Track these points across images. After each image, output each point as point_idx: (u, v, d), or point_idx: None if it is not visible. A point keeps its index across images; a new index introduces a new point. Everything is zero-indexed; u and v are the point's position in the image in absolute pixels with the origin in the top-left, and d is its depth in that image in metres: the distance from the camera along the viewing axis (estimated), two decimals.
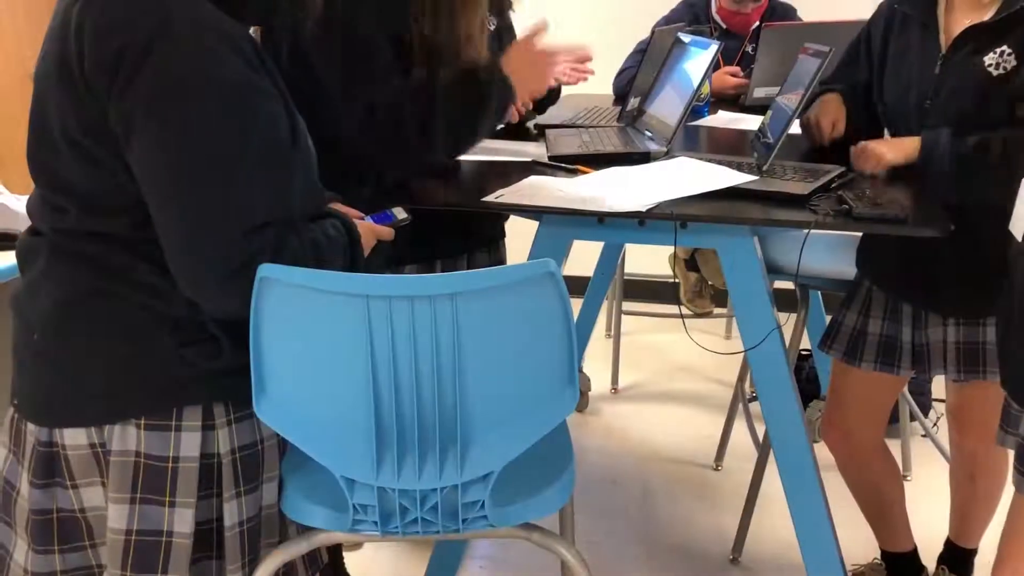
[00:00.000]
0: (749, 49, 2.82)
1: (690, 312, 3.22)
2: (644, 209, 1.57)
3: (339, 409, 1.22)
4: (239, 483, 1.27)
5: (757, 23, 2.81)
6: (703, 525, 2.39)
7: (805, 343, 2.86)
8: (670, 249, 3.45)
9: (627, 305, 3.26)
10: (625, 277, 3.18)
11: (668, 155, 1.92)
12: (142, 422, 1.23)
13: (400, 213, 1.45)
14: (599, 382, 3.14)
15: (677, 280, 3.31)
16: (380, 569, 2.22)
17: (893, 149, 1.75)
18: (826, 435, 1.96)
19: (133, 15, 1.15)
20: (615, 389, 3.16)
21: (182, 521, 1.25)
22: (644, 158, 1.91)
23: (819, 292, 2.59)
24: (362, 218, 1.41)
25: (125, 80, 1.14)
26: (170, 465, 1.24)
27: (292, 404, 1.22)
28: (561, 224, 1.70)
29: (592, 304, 2.96)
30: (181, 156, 1.15)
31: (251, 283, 1.15)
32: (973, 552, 2.01)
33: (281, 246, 1.18)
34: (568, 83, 2.23)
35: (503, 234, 2.30)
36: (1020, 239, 1.35)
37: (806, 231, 1.51)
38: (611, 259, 2.93)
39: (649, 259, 3.38)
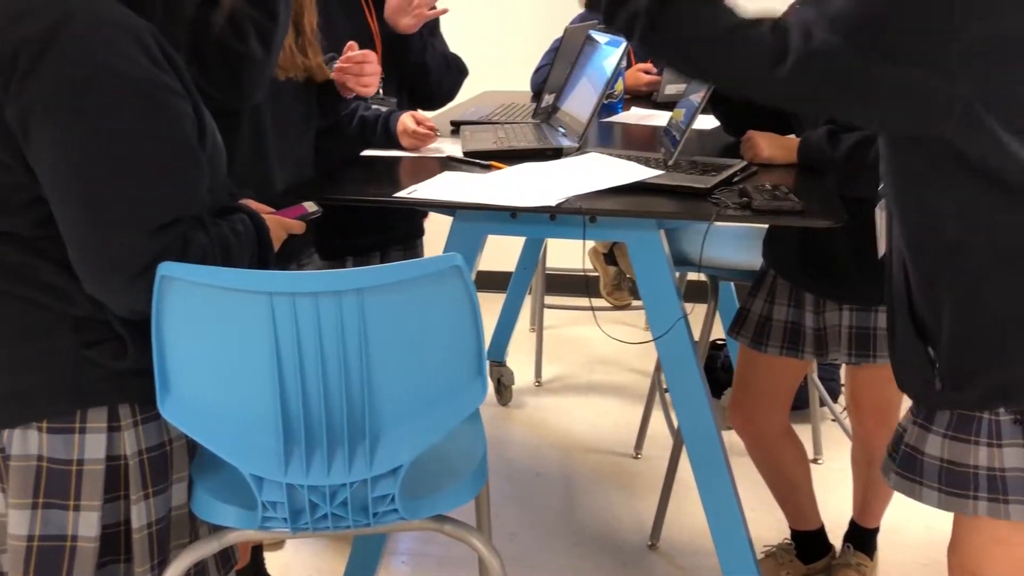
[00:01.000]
0: None
1: (609, 304, 3.27)
2: (554, 204, 1.60)
3: (246, 407, 1.22)
4: (147, 485, 1.25)
5: None
6: (623, 513, 2.44)
7: (720, 333, 2.94)
8: (590, 243, 3.50)
9: (550, 299, 3.30)
10: (547, 272, 3.22)
11: (580, 151, 1.96)
12: (44, 425, 1.21)
13: (311, 207, 1.45)
14: (523, 375, 3.17)
15: (597, 274, 3.36)
16: (301, 567, 2.21)
17: (772, 147, 1.86)
18: (733, 419, 2.02)
19: (31, 9, 1.13)
20: (539, 382, 3.19)
21: (87, 525, 1.23)
22: (557, 154, 1.95)
23: (732, 283, 2.66)
24: (272, 212, 1.40)
25: (23, 76, 1.11)
26: (74, 468, 1.22)
27: (198, 403, 1.21)
28: (475, 219, 1.72)
29: (515, 299, 3.00)
30: (83, 154, 1.13)
31: None
32: (876, 531, 2.10)
33: (189, 244, 1.18)
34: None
35: (421, 231, 2.32)
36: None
37: (707, 224, 1.56)
38: (532, 254, 2.97)
39: (570, 253, 3.42)
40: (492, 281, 3.71)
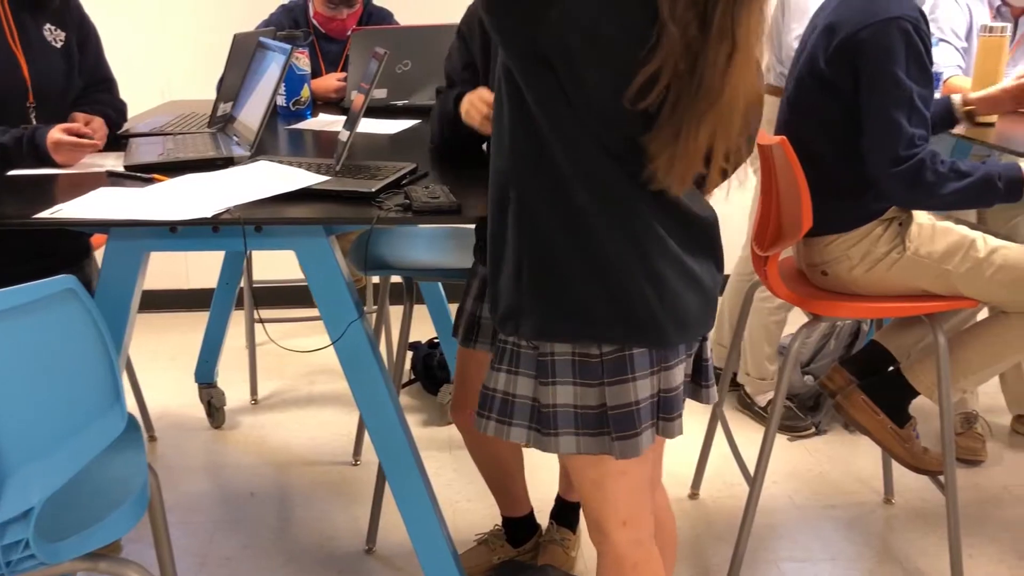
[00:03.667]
0: (350, 53, 2.88)
1: None
2: (210, 215, 1.55)
3: None
4: None
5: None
6: (340, 521, 2.42)
7: (432, 332, 3.00)
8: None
9: (263, 313, 3.21)
10: (256, 285, 3.12)
11: (252, 159, 1.91)
12: None
13: None
14: (238, 395, 3.07)
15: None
16: None
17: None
18: (455, 416, 2.05)
19: None
20: (255, 400, 3.09)
21: None
22: (228, 163, 1.89)
23: (440, 284, 2.71)
24: None
25: None
26: None
27: None
28: (131, 236, 1.63)
29: (219, 316, 2.88)
30: None
31: None
32: (578, 504, 2.23)
33: None
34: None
35: (87, 250, 2.16)
36: None
37: (370, 227, 1.58)
38: (233, 268, 2.87)
39: (281, 264, 3.35)
40: (201, 299, 3.56)
